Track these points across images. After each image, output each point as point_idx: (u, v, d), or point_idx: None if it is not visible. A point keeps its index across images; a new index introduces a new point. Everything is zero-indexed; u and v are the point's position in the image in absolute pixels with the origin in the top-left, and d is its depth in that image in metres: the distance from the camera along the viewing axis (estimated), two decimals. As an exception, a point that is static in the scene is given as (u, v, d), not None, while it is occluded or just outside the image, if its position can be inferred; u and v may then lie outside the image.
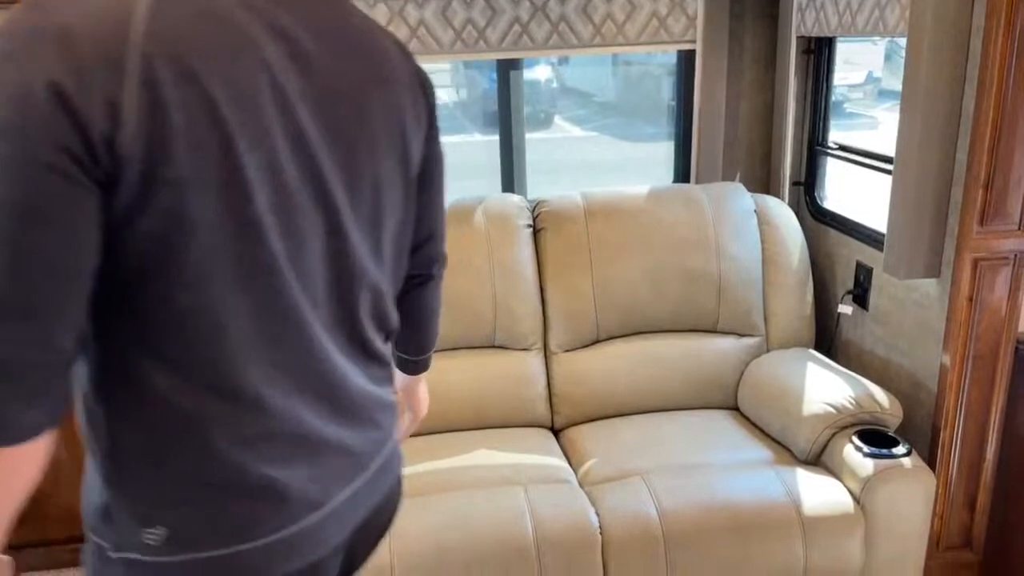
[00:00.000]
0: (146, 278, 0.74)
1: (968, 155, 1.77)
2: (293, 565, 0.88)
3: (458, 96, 13.27)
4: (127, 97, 0.68)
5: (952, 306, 1.87)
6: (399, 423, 1.07)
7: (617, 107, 11.62)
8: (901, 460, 1.79)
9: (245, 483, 0.83)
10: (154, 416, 0.80)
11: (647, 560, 1.72)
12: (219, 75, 0.73)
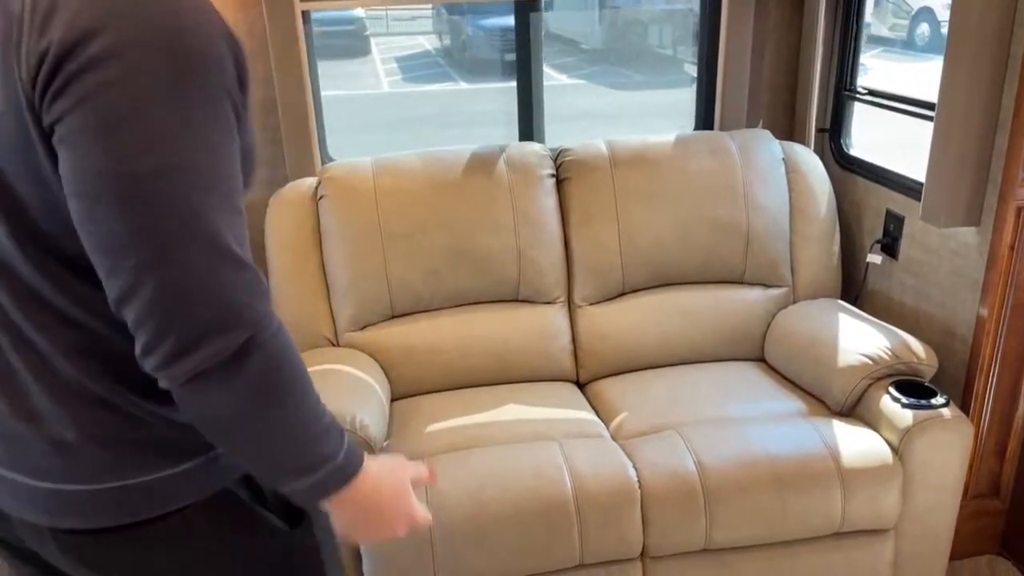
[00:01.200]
0: None
1: (1016, 101, 1.72)
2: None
3: (441, 43, 12.99)
4: None
5: (993, 254, 1.84)
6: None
7: (604, 55, 11.44)
8: (940, 411, 1.77)
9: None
10: None
11: (687, 514, 1.71)
12: None
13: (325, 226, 2.13)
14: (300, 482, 0.85)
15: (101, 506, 0.87)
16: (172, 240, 0.73)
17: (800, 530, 1.76)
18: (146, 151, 0.73)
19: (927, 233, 2.06)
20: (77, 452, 0.86)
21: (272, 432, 0.81)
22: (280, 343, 0.79)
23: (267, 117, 2.34)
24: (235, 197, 0.79)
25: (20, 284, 0.83)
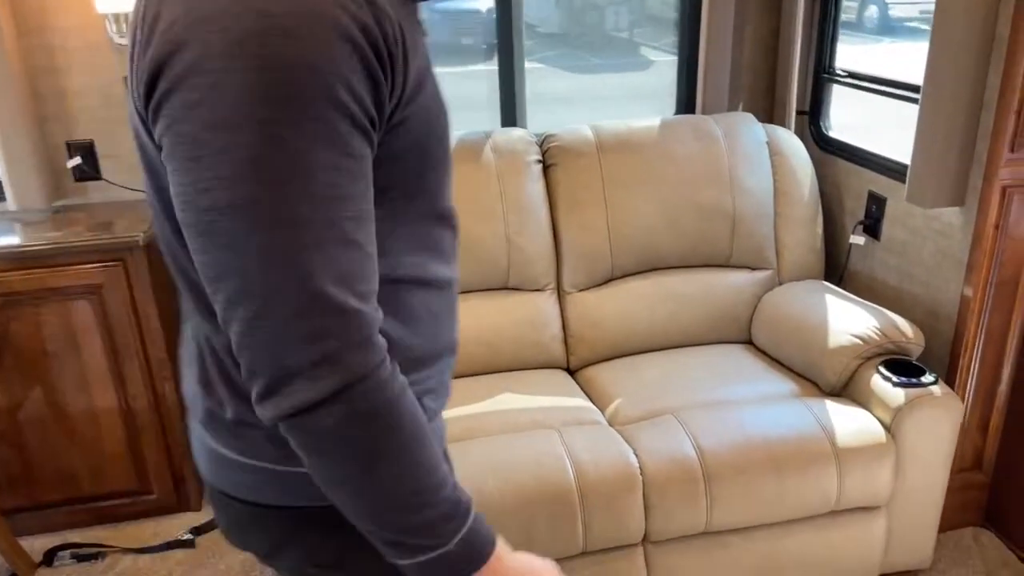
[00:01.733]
0: None
1: (1002, 81, 1.75)
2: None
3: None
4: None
5: (978, 234, 1.87)
6: None
7: (561, 38, 11.41)
8: (931, 388, 1.81)
9: None
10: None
11: (688, 498, 1.71)
12: None
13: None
14: (403, 560, 0.76)
15: (247, 481, 0.87)
16: (254, 281, 0.67)
17: (797, 510, 1.78)
18: (225, 183, 0.65)
19: (910, 214, 2.09)
20: (232, 428, 0.85)
21: (366, 495, 0.73)
22: (379, 398, 0.70)
23: (243, 105, 2.28)
24: (344, 226, 0.68)
25: (186, 277, 0.82)
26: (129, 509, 2.30)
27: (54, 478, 2.22)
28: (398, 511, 0.74)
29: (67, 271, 2.03)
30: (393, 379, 0.72)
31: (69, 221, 2.14)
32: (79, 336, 2.09)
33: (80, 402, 2.15)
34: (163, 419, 2.21)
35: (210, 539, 2.24)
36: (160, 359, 2.15)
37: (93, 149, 2.25)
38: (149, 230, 2.07)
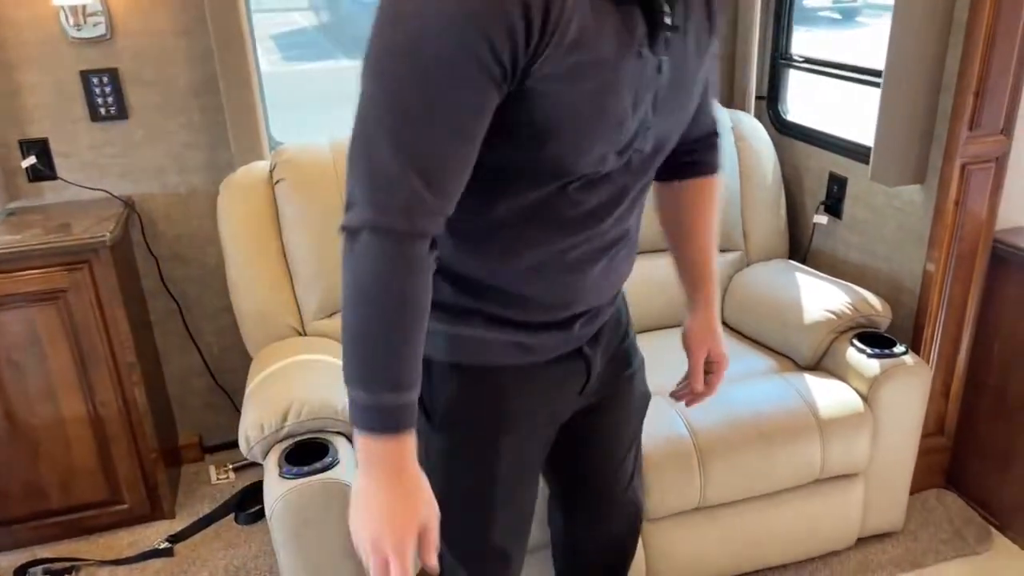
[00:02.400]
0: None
1: (960, 63, 1.84)
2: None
3: (318, 19, 12.56)
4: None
5: (939, 209, 1.96)
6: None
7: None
8: (903, 358, 1.90)
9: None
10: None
11: (683, 476, 1.76)
12: None
13: (284, 212, 2.04)
14: (347, 393, 0.93)
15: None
16: (359, 133, 0.87)
17: (784, 481, 1.85)
18: (374, 75, 0.86)
19: (871, 193, 2.18)
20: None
21: (348, 326, 0.92)
22: (369, 255, 0.88)
23: (206, 97, 2.21)
24: (442, 134, 0.86)
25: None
26: (100, 520, 2.22)
27: (20, 493, 2.12)
28: (348, 345, 0.92)
29: (29, 276, 1.94)
30: (382, 255, 0.88)
31: (26, 224, 2.05)
32: (44, 343, 2.00)
33: (46, 412, 2.06)
34: (134, 426, 2.14)
35: (189, 546, 2.18)
36: (129, 363, 2.08)
37: (48, 147, 2.15)
38: (115, 230, 2.00)
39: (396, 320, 0.91)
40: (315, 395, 1.68)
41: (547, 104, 0.88)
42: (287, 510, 1.53)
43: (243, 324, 2.05)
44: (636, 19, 0.90)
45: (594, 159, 0.96)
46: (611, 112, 0.93)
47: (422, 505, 0.95)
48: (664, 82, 0.97)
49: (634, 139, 0.98)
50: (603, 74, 0.89)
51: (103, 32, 2.07)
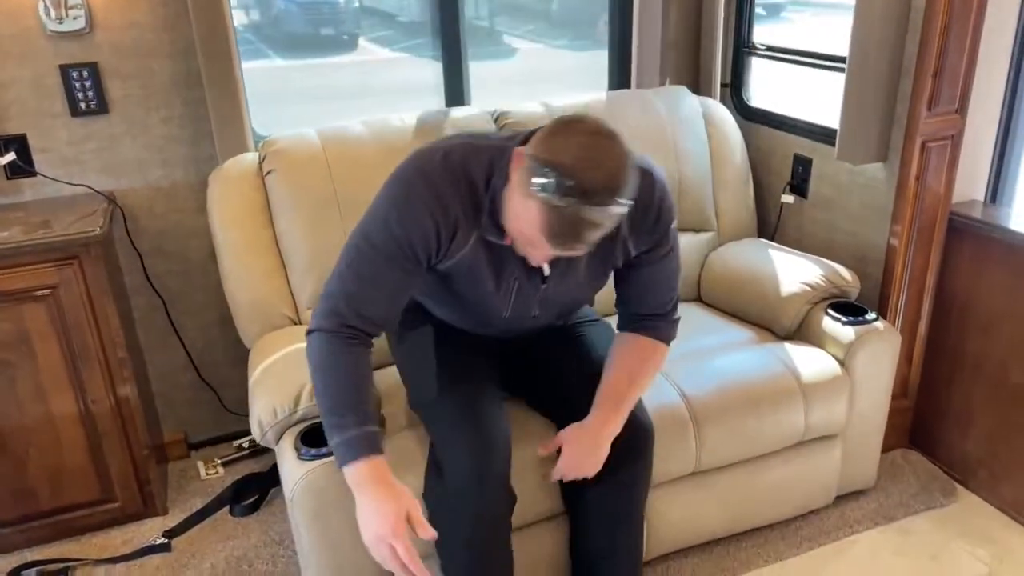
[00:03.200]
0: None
1: (919, 47, 1.97)
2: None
3: (248, 18, 12.35)
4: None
5: (901, 185, 2.10)
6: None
7: (422, 27, 11.41)
8: (875, 324, 2.03)
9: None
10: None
11: (680, 442, 1.85)
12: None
13: (276, 202, 2.05)
14: (329, 442, 1.41)
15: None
16: (332, 275, 1.46)
17: (772, 443, 1.96)
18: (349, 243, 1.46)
19: (836, 172, 2.31)
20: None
21: (315, 392, 1.44)
22: (313, 348, 1.43)
23: (188, 91, 2.21)
24: (358, 283, 1.42)
25: None
26: (92, 520, 2.19)
27: (7, 496, 2.08)
28: (318, 405, 1.42)
29: (18, 273, 1.91)
30: (325, 346, 1.41)
31: (8, 221, 2.01)
32: (34, 341, 1.97)
33: (36, 412, 2.03)
34: (125, 422, 2.12)
35: (186, 541, 2.18)
36: (120, 359, 2.07)
37: (26, 143, 2.11)
38: (105, 224, 1.98)
39: (340, 383, 1.39)
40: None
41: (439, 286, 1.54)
42: (309, 491, 1.56)
43: (238, 315, 2.06)
44: (514, 267, 1.47)
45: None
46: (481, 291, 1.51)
47: (402, 498, 1.34)
48: (548, 290, 1.54)
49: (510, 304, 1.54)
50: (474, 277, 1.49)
51: (82, 25, 2.04)
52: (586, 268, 1.52)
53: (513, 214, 1.31)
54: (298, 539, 1.65)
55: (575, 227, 1.21)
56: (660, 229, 1.51)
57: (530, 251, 1.37)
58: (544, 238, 1.25)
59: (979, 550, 2.05)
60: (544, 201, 1.19)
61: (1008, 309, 2.08)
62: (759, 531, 2.11)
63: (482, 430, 1.54)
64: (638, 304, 1.64)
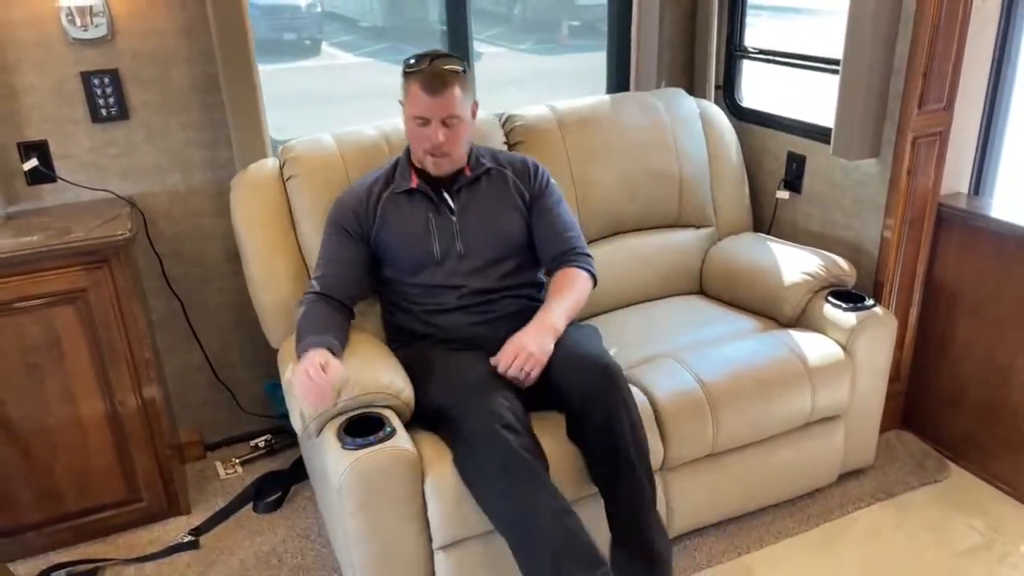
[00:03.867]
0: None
1: (910, 49, 2.10)
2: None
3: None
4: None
5: (895, 178, 2.23)
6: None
7: (385, 32, 11.39)
8: (874, 310, 2.14)
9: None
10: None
11: (698, 425, 1.94)
12: None
13: (298, 206, 2.11)
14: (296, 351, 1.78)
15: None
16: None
17: (781, 425, 2.06)
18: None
19: (829, 168, 2.43)
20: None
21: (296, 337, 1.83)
22: (305, 299, 1.91)
23: (206, 96, 2.25)
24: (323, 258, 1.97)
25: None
26: (117, 520, 2.22)
27: (33, 499, 2.11)
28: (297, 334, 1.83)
29: (48, 276, 1.94)
30: (304, 305, 1.89)
31: (34, 226, 2.04)
32: (63, 343, 2.00)
33: (64, 413, 2.06)
34: (151, 422, 2.16)
35: (213, 537, 2.22)
36: (147, 360, 2.10)
37: (47, 149, 2.14)
38: (134, 228, 2.02)
39: (309, 320, 1.84)
40: (362, 373, 1.77)
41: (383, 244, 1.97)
42: (356, 479, 1.62)
43: (265, 316, 2.10)
44: (424, 207, 1.96)
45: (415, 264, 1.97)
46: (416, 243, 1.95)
47: (314, 357, 1.69)
48: (459, 219, 1.95)
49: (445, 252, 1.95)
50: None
51: (104, 33, 2.08)
52: (485, 203, 1.97)
53: (406, 116, 1.89)
54: (344, 528, 1.70)
55: (436, 76, 1.81)
56: (538, 180, 2.04)
57: (424, 133, 1.85)
58: (423, 94, 1.80)
59: (974, 521, 2.18)
60: (412, 72, 1.83)
61: (995, 293, 2.21)
62: (767, 510, 2.21)
63: (490, 393, 1.71)
64: (554, 247, 2.01)
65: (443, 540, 1.75)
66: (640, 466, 1.74)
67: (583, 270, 1.99)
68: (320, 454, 1.76)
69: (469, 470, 1.66)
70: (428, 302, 1.97)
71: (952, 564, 2.04)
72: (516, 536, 1.63)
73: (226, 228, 2.39)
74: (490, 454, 1.63)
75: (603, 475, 1.76)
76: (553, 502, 1.61)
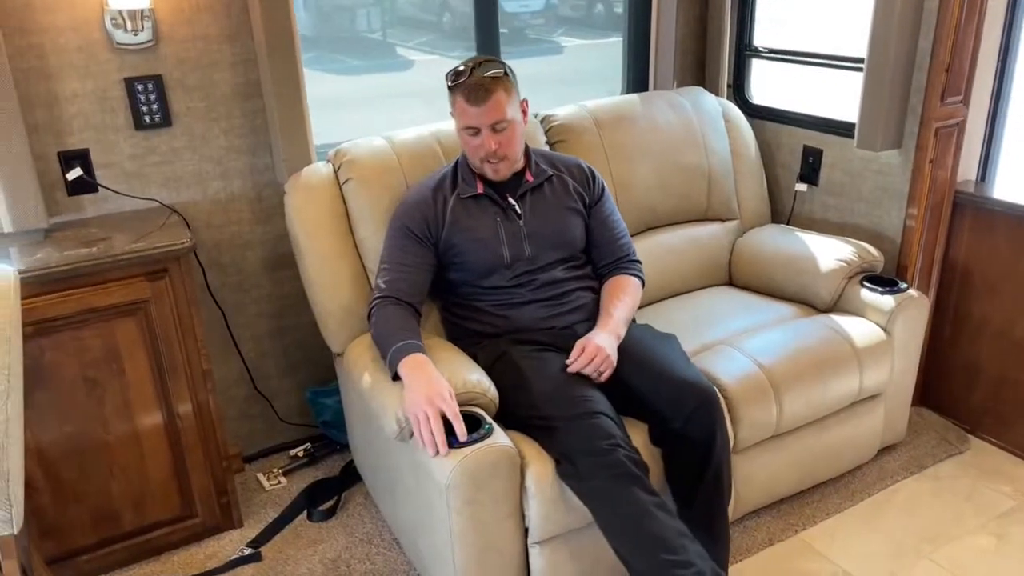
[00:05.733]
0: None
1: (933, 44, 2.23)
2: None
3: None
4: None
5: (917, 168, 2.36)
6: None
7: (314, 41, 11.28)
8: (909, 292, 2.27)
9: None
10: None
11: (763, 408, 2.01)
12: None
13: (355, 209, 2.10)
14: (387, 361, 1.81)
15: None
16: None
17: (834, 404, 2.16)
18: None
19: (847, 160, 2.56)
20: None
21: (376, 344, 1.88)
22: (372, 316, 1.91)
23: (247, 102, 2.22)
24: (387, 264, 1.97)
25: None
26: (172, 538, 2.16)
27: (89, 520, 2.03)
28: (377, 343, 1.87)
29: (111, 288, 1.88)
30: (376, 312, 1.89)
31: (84, 237, 1.97)
32: (123, 357, 1.94)
33: (122, 430, 2.00)
34: (207, 434, 2.11)
35: (272, 548, 2.18)
36: (204, 370, 2.06)
37: (89, 159, 2.07)
38: (192, 236, 1.98)
39: (388, 325, 1.86)
40: (454, 375, 1.78)
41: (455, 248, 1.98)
42: (464, 477, 1.63)
43: (327, 321, 2.08)
44: (493, 212, 1.99)
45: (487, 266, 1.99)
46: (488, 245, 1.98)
47: (443, 382, 1.70)
48: (527, 224, 1.99)
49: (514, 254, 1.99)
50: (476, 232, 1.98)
51: (149, 38, 2.03)
52: (550, 208, 2.02)
53: (457, 128, 1.94)
54: (444, 526, 1.70)
55: (478, 86, 1.84)
56: (597, 186, 2.11)
57: (476, 143, 1.90)
58: (468, 105, 1.85)
59: (1003, 487, 2.32)
60: (455, 86, 1.87)
61: (1009, 271, 2.37)
62: (816, 488, 2.31)
63: (591, 405, 1.74)
64: (610, 253, 2.10)
65: (539, 536, 1.77)
66: (727, 481, 1.85)
67: (636, 277, 2.10)
68: (413, 456, 1.76)
69: (580, 482, 1.69)
70: (501, 300, 1.99)
71: (993, 527, 2.17)
72: (631, 547, 1.68)
73: (264, 236, 2.37)
74: (603, 472, 1.66)
75: (689, 485, 1.83)
76: (673, 523, 1.67)
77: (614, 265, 2.11)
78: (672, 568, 1.61)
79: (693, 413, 1.78)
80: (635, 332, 1.99)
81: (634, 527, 1.65)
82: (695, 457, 1.81)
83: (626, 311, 2.00)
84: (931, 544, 2.12)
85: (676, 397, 1.80)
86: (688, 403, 1.79)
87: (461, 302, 2.04)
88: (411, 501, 1.89)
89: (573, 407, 1.75)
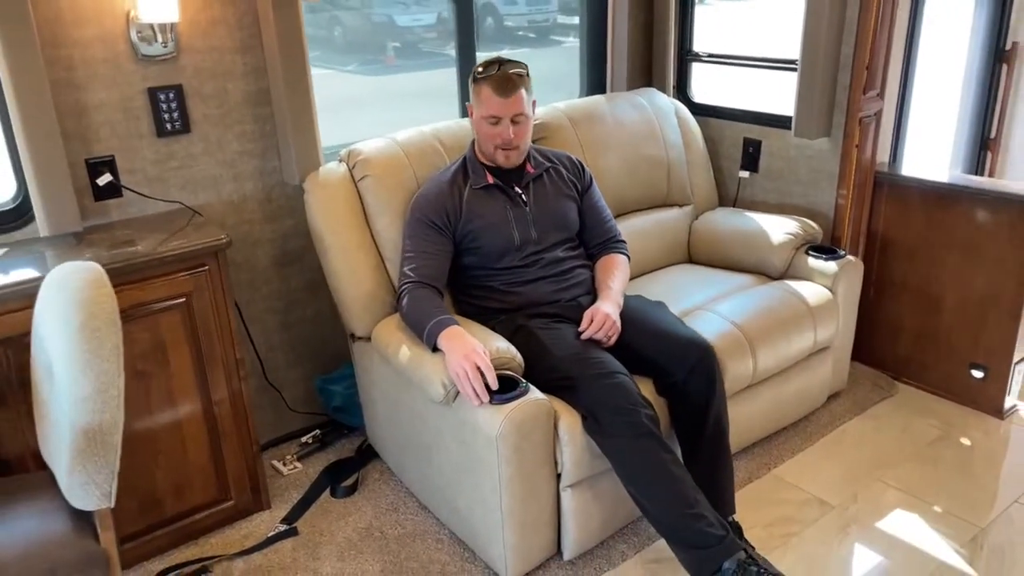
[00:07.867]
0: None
1: (855, 48, 2.63)
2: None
3: None
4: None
5: (846, 152, 2.75)
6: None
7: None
8: (848, 258, 2.65)
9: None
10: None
11: (742, 360, 2.33)
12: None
13: (371, 204, 2.30)
14: (425, 340, 2.03)
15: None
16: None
17: (795, 356, 2.50)
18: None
19: (784, 148, 2.94)
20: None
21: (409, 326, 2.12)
22: (400, 302, 2.13)
23: (258, 108, 2.38)
24: (412, 252, 2.19)
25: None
26: (208, 521, 2.28)
27: (136, 507, 2.13)
28: (411, 326, 2.10)
29: (156, 283, 2.01)
30: (405, 297, 2.11)
31: (121, 238, 2.08)
32: (168, 348, 2.06)
33: (166, 419, 2.11)
34: (240, 420, 2.25)
35: (305, 523, 2.33)
36: (239, 359, 2.20)
37: (115, 165, 2.18)
38: (228, 233, 2.12)
39: (418, 306, 2.08)
40: (487, 342, 2.00)
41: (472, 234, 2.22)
42: (512, 429, 1.86)
43: (351, 308, 2.27)
44: (503, 201, 2.25)
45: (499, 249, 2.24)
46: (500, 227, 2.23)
47: (470, 342, 1.93)
48: (531, 210, 2.26)
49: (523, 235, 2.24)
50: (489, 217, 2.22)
51: (171, 49, 2.16)
52: (549, 196, 2.29)
53: (476, 118, 2.18)
54: (499, 473, 1.92)
55: (506, 79, 2.10)
56: (586, 176, 2.41)
57: (495, 131, 2.13)
58: (495, 96, 2.09)
59: (930, 421, 2.74)
60: (483, 78, 2.12)
61: (922, 238, 2.80)
62: (779, 432, 2.66)
63: (607, 366, 2.00)
64: (599, 235, 2.39)
65: (570, 479, 2.02)
66: (725, 423, 2.14)
67: (624, 255, 2.40)
68: (458, 416, 1.97)
69: (604, 438, 1.93)
70: (514, 279, 2.23)
71: (928, 452, 2.57)
72: (649, 497, 1.95)
73: (272, 234, 2.52)
74: (627, 430, 1.91)
75: (692, 432, 2.11)
76: (687, 477, 1.93)
77: (604, 245, 2.38)
78: (690, 520, 1.89)
79: (695, 366, 2.07)
80: (631, 301, 2.27)
81: (654, 481, 1.92)
82: (698, 406, 2.09)
83: (621, 284, 2.28)
84: (880, 469, 2.49)
85: (679, 353, 2.09)
86: (690, 358, 2.08)
87: (476, 283, 2.27)
88: (451, 462, 2.10)
89: (592, 367, 2.00)
